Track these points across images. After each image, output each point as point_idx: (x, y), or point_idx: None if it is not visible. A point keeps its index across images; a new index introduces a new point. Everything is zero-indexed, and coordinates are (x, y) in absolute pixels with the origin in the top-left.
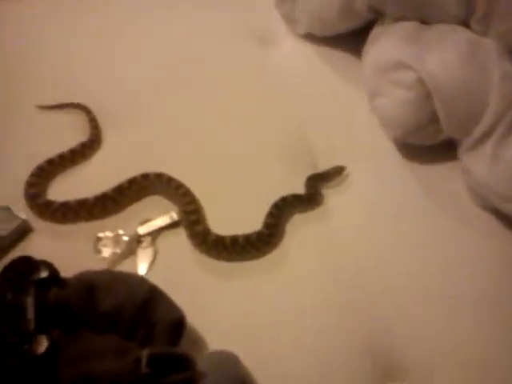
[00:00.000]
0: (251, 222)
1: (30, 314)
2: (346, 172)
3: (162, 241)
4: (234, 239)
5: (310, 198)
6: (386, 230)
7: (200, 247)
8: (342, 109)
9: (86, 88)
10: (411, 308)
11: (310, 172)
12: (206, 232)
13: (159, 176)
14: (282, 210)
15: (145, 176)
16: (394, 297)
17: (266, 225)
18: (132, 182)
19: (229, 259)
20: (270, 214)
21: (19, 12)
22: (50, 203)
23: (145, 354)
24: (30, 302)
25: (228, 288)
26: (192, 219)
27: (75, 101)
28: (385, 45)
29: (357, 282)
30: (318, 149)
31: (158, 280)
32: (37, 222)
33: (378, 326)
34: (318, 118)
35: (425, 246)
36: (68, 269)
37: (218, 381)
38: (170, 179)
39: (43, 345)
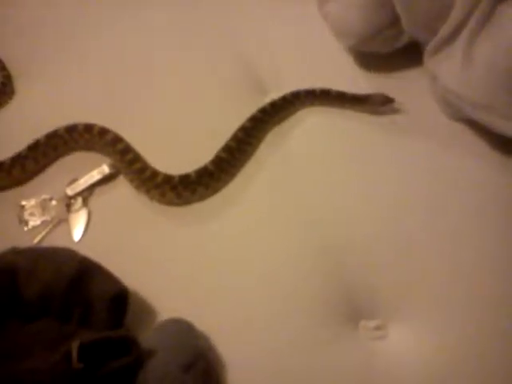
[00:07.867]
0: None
1: None
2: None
3: (95, 199)
4: (201, 171)
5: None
6: (349, 164)
7: (161, 190)
8: (286, 23)
9: None
10: (379, 252)
11: (260, 101)
12: (169, 177)
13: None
14: (253, 130)
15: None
16: (361, 240)
17: (226, 148)
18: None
19: (191, 199)
20: (234, 138)
21: None
22: None
23: (74, 346)
24: None
25: (175, 241)
26: (136, 168)
27: None
28: None
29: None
30: (265, 74)
31: (96, 245)
32: None
33: (346, 269)
34: (260, 39)
35: (392, 177)
36: None
37: (170, 357)
38: (102, 130)
39: None
